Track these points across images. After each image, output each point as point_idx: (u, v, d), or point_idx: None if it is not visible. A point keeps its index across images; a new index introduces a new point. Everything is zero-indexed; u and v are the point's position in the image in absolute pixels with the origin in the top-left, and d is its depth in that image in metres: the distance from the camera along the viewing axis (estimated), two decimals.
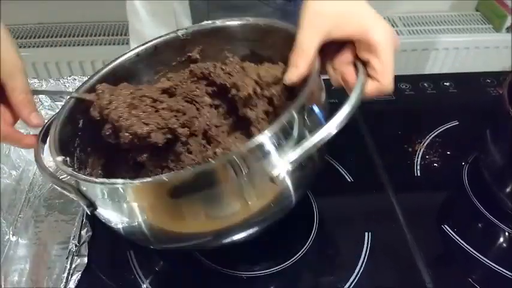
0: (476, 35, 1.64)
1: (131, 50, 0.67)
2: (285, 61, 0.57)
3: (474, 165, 0.77)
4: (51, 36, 1.68)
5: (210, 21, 0.66)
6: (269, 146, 0.47)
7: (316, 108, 0.53)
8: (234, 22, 0.66)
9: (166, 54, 0.68)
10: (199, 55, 0.68)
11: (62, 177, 0.55)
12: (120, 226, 0.54)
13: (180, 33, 0.67)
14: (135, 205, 0.49)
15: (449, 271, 0.64)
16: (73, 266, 0.63)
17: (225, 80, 0.61)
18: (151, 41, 0.67)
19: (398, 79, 0.95)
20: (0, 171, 0.76)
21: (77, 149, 0.60)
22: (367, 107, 0.88)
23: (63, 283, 0.61)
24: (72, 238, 0.66)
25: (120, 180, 0.47)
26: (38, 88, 0.87)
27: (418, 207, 0.72)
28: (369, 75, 0.54)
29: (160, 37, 0.67)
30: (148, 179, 0.46)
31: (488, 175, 0.72)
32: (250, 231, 0.55)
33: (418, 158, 0.79)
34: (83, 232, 0.67)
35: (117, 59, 0.66)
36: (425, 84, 0.95)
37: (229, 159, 0.46)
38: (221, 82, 0.62)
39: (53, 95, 0.85)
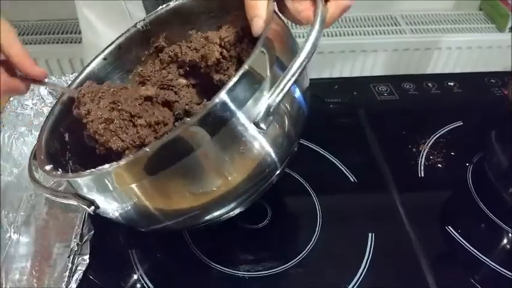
0: (479, 35, 1.64)
1: (97, 56, 0.65)
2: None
3: (478, 166, 0.77)
4: (53, 33, 1.68)
5: (164, 5, 0.65)
6: (240, 94, 0.45)
7: (282, 46, 0.51)
8: None
9: (133, 50, 0.67)
10: (166, 43, 0.66)
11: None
12: (116, 214, 0.53)
13: (139, 25, 0.66)
14: (123, 189, 0.48)
15: (452, 272, 0.64)
16: (75, 264, 0.63)
17: (193, 55, 0.60)
18: (113, 42, 0.66)
19: (402, 79, 0.96)
20: (1, 168, 0.76)
21: (69, 162, 0.59)
22: (371, 107, 0.89)
23: (65, 282, 0.61)
24: (74, 237, 0.66)
25: (105, 166, 0.46)
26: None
27: (421, 208, 0.71)
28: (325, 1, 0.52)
29: (121, 36, 0.66)
30: (123, 160, 0.45)
31: (492, 176, 0.72)
32: (238, 201, 0.53)
33: (422, 158, 0.78)
34: (85, 230, 0.67)
35: (86, 68, 0.65)
36: (429, 84, 0.94)
37: (195, 121, 0.44)
38: (189, 59, 0.61)
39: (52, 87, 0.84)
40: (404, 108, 0.90)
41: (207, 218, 0.54)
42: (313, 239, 0.66)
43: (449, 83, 0.95)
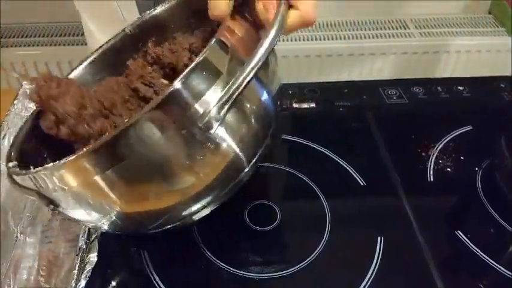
0: (489, 38, 1.63)
1: (84, 61, 0.65)
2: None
3: (488, 171, 0.76)
4: (52, 36, 1.68)
5: (151, 10, 0.66)
6: (195, 86, 0.44)
7: (239, 42, 0.50)
8: (172, 2, 0.65)
9: (122, 55, 0.66)
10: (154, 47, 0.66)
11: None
12: (77, 215, 0.53)
13: (127, 29, 0.66)
14: (77, 188, 0.47)
15: (461, 277, 0.63)
16: (83, 263, 0.63)
17: (171, 58, 0.61)
18: (101, 46, 0.66)
19: (411, 83, 0.95)
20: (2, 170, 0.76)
21: (47, 160, 0.59)
22: (380, 111, 0.89)
23: (74, 280, 0.61)
24: (81, 235, 0.66)
25: (60, 161, 0.45)
26: None
27: (431, 212, 0.71)
28: (290, 6, 0.51)
29: (109, 40, 0.66)
30: (70, 157, 0.44)
31: (502, 181, 0.71)
32: (206, 198, 0.52)
33: (431, 162, 0.78)
34: (93, 229, 0.67)
35: (73, 70, 0.65)
36: (438, 88, 0.94)
37: (147, 111, 0.43)
38: (168, 62, 0.61)
39: None
40: (414, 112, 0.89)
41: (167, 217, 0.53)
42: (322, 242, 0.66)
43: (458, 87, 0.94)
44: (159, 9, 0.65)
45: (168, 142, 0.45)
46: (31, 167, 0.52)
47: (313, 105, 0.90)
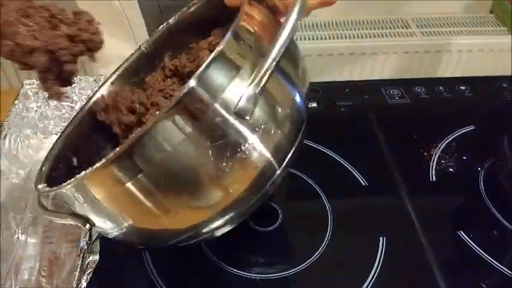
0: (491, 37, 1.63)
1: (105, 82, 0.65)
2: None
3: (490, 171, 0.76)
4: None
5: (164, 24, 0.64)
6: (214, 82, 0.41)
7: (260, 27, 0.48)
8: (184, 12, 0.64)
9: (140, 73, 0.65)
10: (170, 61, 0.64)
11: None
12: (115, 233, 0.51)
13: (142, 47, 0.65)
14: (100, 199, 0.46)
15: (464, 277, 0.63)
16: (85, 263, 0.63)
17: (190, 67, 0.59)
18: (120, 66, 0.65)
19: (413, 82, 0.95)
20: (7, 170, 0.76)
21: None
22: (382, 111, 0.88)
23: (75, 280, 0.61)
24: (82, 236, 0.66)
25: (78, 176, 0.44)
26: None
27: (433, 212, 0.71)
28: None
29: (127, 59, 0.65)
30: (93, 167, 0.42)
31: (505, 181, 0.71)
32: (236, 210, 0.49)
33: (433, 162, 0.78)
34: (94, 230, 0.66)
35: (95, 93, 0.64)
36: (440, 87, 0.94)
37: (162, 116, 0.40)
38: (187, 71, 0.59)
39: None
40: (416, 112, 0.89)
41: (199, 231, 0.50)
42: (324, 242, 0.66)
43: (460, 87, 0.94)
44: (172, 21, 0.64)
45: (191, 146, 0.43)
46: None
47: (314, 105, 0.89)
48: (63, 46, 0.49)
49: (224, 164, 0.43)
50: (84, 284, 0.60)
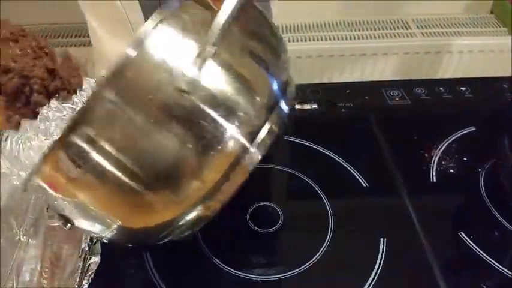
0: (491, 38, 1.63)
1: None
2: None
3: (491, 172, 0.76)
4: (57, 37, 1.68)
5: None
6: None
7: None
8: None
9: None
10: None
11: None
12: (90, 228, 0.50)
13: None
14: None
15: (464, 278, 0.63)
16: (86, 264, 0.63)
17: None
18: None
19: (414, 83, 0.95)
20: (8, 172, 0.76)
21: None
22: (383, 112, 0.88)
23: (77, 282, 0.61)
24: (84, 237, 0.66)
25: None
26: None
27: (434, 213, 0.71)
28: None
29: None
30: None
31: (505, 182, 0.71)
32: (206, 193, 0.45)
33: (434, 163, 0.78)
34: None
35: None
36: (441, 88, 0.94)
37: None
38: None
39: None
40: (416, 113, 0.89)
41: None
42: (324, 243, 0.66)
43: (461, 88, 0.94)
44: None
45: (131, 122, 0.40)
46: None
47: (315, 106, 0.89)
48: (38, 75, 0.49)
49: (191, 146, 0.41)
50: (85, 285, 0.60)
